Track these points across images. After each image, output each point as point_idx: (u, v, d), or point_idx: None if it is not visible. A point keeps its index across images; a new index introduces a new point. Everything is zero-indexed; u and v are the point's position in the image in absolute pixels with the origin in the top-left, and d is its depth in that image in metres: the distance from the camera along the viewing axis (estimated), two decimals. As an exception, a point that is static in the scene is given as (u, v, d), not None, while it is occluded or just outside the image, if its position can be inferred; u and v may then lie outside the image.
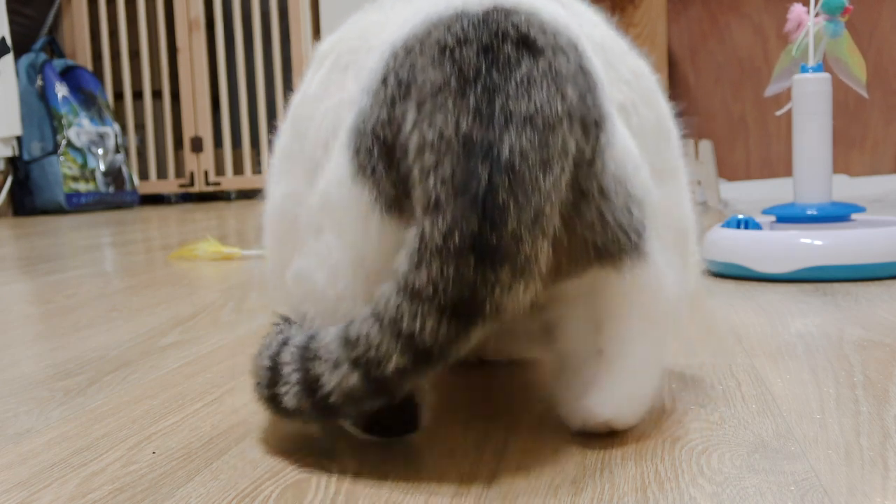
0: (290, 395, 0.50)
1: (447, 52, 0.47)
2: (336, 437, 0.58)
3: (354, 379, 0.47)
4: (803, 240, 1.13)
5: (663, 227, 0.53)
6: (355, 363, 0.47)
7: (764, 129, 3.30)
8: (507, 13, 0.49)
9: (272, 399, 0.52)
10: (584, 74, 0.48)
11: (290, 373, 0.50)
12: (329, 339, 0.49)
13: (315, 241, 0.53)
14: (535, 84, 0.46)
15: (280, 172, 0.57)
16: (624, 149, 0.50)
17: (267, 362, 0.53)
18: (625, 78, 0.54)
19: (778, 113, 1.27)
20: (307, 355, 0.50)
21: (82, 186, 3.85)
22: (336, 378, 0.48)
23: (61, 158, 3.79)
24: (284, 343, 0.52)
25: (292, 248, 0.55)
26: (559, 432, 0.57)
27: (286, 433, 0.59)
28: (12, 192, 3.83)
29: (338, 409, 0.49)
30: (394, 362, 0.46)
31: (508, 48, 0.47)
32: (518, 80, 0.46)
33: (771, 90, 1.27)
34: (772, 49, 3.27)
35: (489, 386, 0.70)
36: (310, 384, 0.49)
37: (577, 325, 0.53)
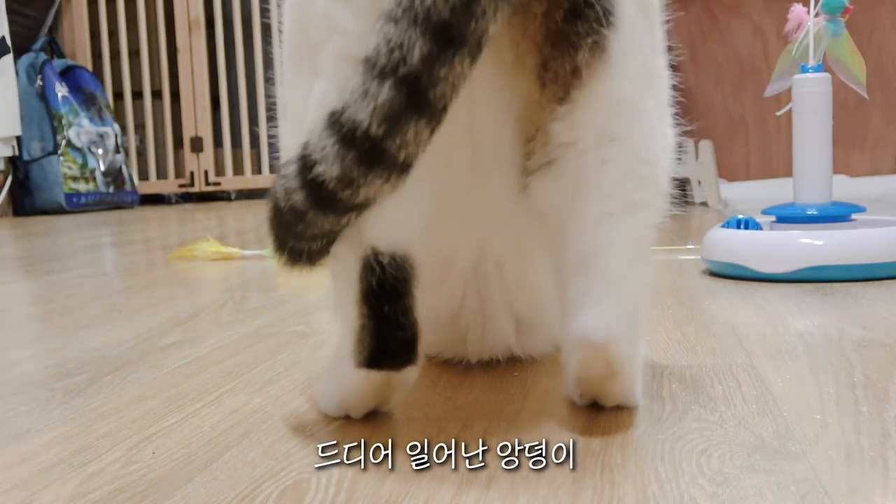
0: (328, 160, 0.49)
1: None
2: (336, 437, 0.58)
3: (386, 89, 0.47)
4: (803, 240, 1.13)
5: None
6: (381, 74, 0.47)
7: (764, 129, 3.30)
8: None
9: (310, 185, 0.50)
10: None
11: (325, 146, 0.50)
12: (352, 84, 0.49)
13: None
14: None
15: None
16: None
17: (294, 163, 0.52)
18: None
19: (778, 113, 1.27)
20: (333, 119, 0.49)
21: (82, 186, 3.85)
22: (370, 103, 0.47)
23: (61, 158, 3.78)
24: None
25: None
26: (559, 432, 0.57)
27: (286, 433, 0.59)
28: (12, 192, 3.83)
29: (381, 139, 0.48)
30: (418, 49, 0.46)
31: None
32: None
33: (771, 90, 1.26)
34: (772, 49, 3.27)
35: (489, 386, 0.70)
36: (347, 133, 0.48)
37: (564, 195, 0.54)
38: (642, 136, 0.56)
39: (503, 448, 0.54)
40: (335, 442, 0.56)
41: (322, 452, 0.54)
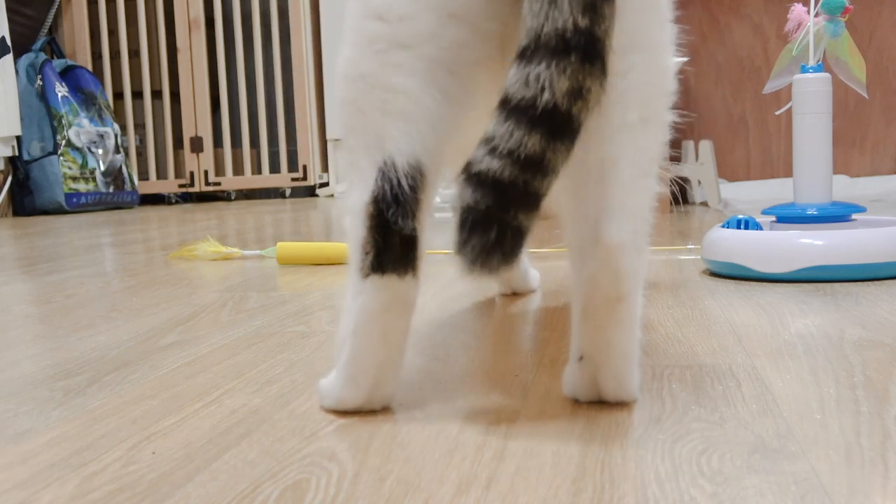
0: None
1: None
2: (336, 437, 0.58)
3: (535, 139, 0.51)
4: (803, 240, 1.13)
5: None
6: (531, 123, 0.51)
7: (764, 129, 3.30)
8: None
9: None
10: None
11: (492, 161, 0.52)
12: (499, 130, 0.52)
13: None
14: None
15: None
16: None
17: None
18: None
19: (778, 112, 1.27)
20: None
21: (82, 186, 3.85)
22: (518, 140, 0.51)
23: (61, 158, 3.79)
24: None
25: None
26: (559, 432, 0.57)
27: (286, 433, 0.59)
28: (12, 192, 3.83)
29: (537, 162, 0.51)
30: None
31: None
32: None
33: (770, 87, 1.27)
34: (772, 49, 3.27)
35: (489, 386, 0.70)
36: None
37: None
38: (660, 47, 0.60)
39: (503, 448, 0.54)
40: (335, 442, 0.56)
41: (322, 453, 0.54)
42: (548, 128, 0.52)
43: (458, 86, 0.59)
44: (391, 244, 0.58)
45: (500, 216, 0.52)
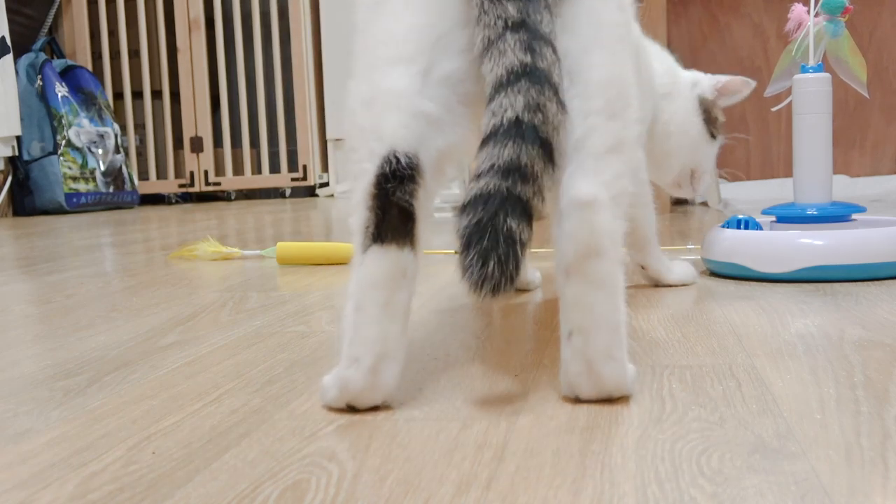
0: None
1: None
2: (336, 436, 0.58)
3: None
4: (803, 240, 1.13)
5: None
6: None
7: (764, 129, 3.30)
8: None
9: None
10: None
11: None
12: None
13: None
14: None
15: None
16: None
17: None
18: None
19: (774, 109, 1.27)
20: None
21: (82, 186, 3.85)
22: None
23: (61, 158, 3.78)
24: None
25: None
26: (559, 432, 0.57)
27: (286, 433, 0.59)
28: (12, 192, 3.83)
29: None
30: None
31: None
32: None
33: (771, 90, 1.26)
34: (772, 49, 3.27)
35: (489, 385, 0.70)
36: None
37: None
38: (616, 50, 0.68)
39: (503, 448, 0.54)
40: (335, 442, 0.56)
41: (322, 453, 0.54)
42: (515, 136, 0.60)
43: (456, 97, 0.65)
44: (390, 215, 0.63)
45: (491, 224, 0.58)
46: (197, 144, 4.34)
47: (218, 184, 4.36)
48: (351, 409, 0.64)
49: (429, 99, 0.64)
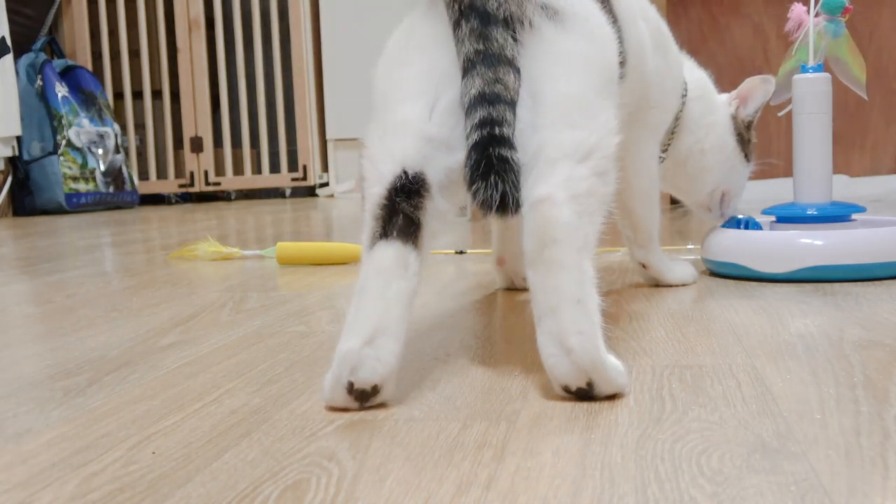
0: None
1: None
2: (337, 436, 0.58)
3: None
4: (803, 240, 1.13)
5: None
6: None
7: (764, 129, 3.30)
8: None
9: None
10: None
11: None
12: None
13: None
14: None
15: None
16: None
17: None
18: None
19: (780, 114, 1.27)
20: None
21: (82, 186, 3.85)
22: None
23: (61, 158, 3.79)
24: None
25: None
26: (559, 432, 0.57)
27: (286, 433, 0.59)
28: (12, 192, 3.83)
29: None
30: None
31: None
32: None
33: (776, 99, 1.26)
34: (772, 49, 3.27)
35: (489, 386, 0.70)
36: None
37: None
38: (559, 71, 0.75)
39: (503, 448, 0.54)
40: (335, 442, 0.56)
41: (322, 453, 0.54)
42: (484, 102, 0.70)
43: (461, 121, 0.72)
44: (396, 219, 0.70)
45: (485, 157, 0.68)
46: (197, 144, 4.34)
47: (218, 184, 4.36)
48: (356, 396, 0.64)
49: (436, 125, 0.72)
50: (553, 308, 0.66)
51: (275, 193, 4.49)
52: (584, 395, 0.65)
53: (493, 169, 0.69)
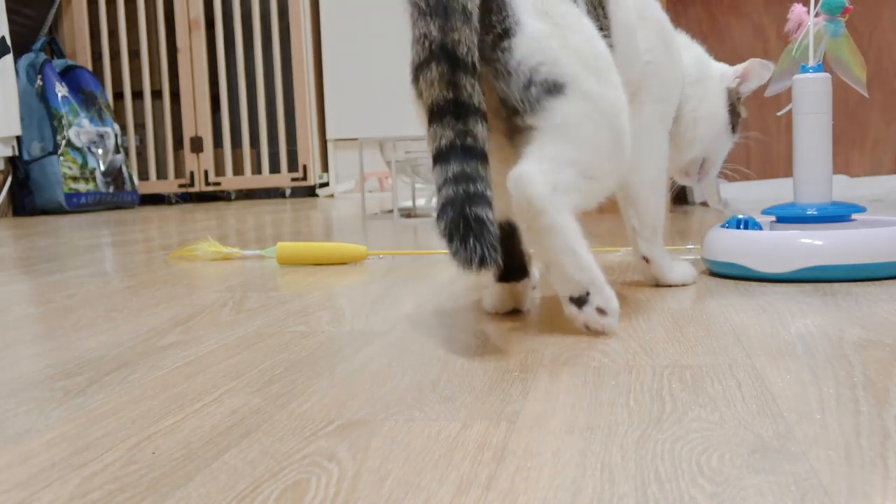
0: None
1: None
2: (337, 436, 0.58)
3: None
4: (803, 240, 1.13)
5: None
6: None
7: (764, 129, 3.30)
8: None
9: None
10: None
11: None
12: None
13: None
14: None
15: None
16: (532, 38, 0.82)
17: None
18: None
19: (779, 113, 1.27)
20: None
21: (82, 186, 3.85)
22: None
23: (61, 158, 3.79)
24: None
25: None
26: (559, 432, 0.57)
27: (286, 433, 0.59)
28: (12, 192, 3.83)
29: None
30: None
31: None
32: None
33: (771, 90, 1.26)
34: (772, 49, 3.27)
35: (489, 386, 0.70)
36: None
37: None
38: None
39: (503, 448, 0.54)
40: (335, 442, 0.56)
41: (322, 453, 0.54)
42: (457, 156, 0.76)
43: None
44: (508, 269, 0.97)
45: (461, 216, 0.74)
46: (197, 144, 4.34)
47: (218, 184, 4.36)
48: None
49: None
50: (552, 261, 0.82)
51: (275, 193, 4.49)
52: (582, 302, 0.83)
53: (471, 232, 0.73)
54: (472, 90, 0.76)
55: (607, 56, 0.89)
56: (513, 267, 0.96)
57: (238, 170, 4.40)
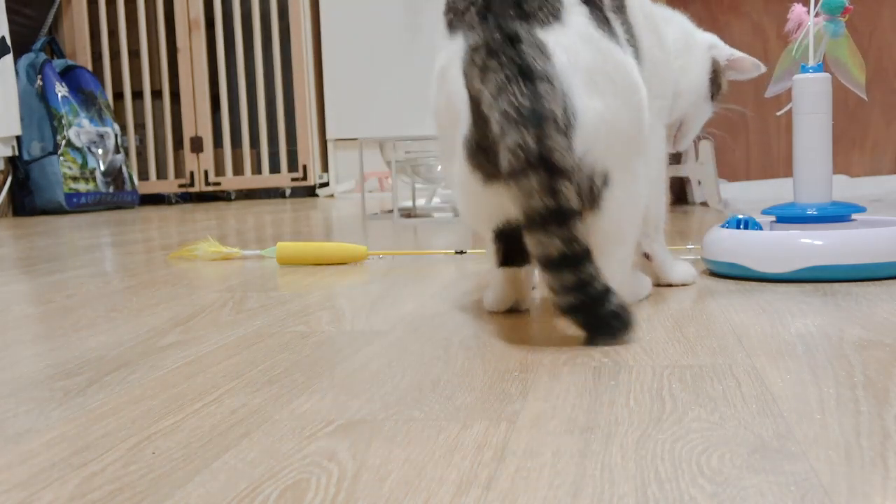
0: None
1: None
2: (337, 436, 0.58)
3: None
4: (803, 240, 1.13)
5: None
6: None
7: (764, 129, 3.30)
8: None
9: None
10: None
11: None
12: None
13: None
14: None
15: None
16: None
17: None
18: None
19: (779, 113, 1.27)
20: None
21: (82, 186, 3.85)
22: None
23: (61, 158, 3.78)
24: None
25: None
26: (559, 432, 0.57)
27: (286, 433, 0.59)
28: (12, 192, 3.83)
29: None
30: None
31: None
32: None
33: (771, 91, 1.26)
34: (772, 49, 3.27)
35: (489, 386, 0.70)
36: None
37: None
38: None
39: (503, 448, 0.54)
40: (335, 442, 0.56)
41: (322, 453, 0.54)
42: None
43: None
44: (508, 253, 0.96)
45: (598, 318, 0.81)
46: (197, 144, 4.34)
47: (218, 184, 4.36)
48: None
49: None
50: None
51: (275, 193, 4.49)
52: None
53: (612, 327, 0.80)
54: (569, 193, 0.77)
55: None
56: (515, 251, 0.94)
57: (238, 170, 4.40)
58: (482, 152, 0.84)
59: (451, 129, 0.88)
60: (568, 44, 0.82)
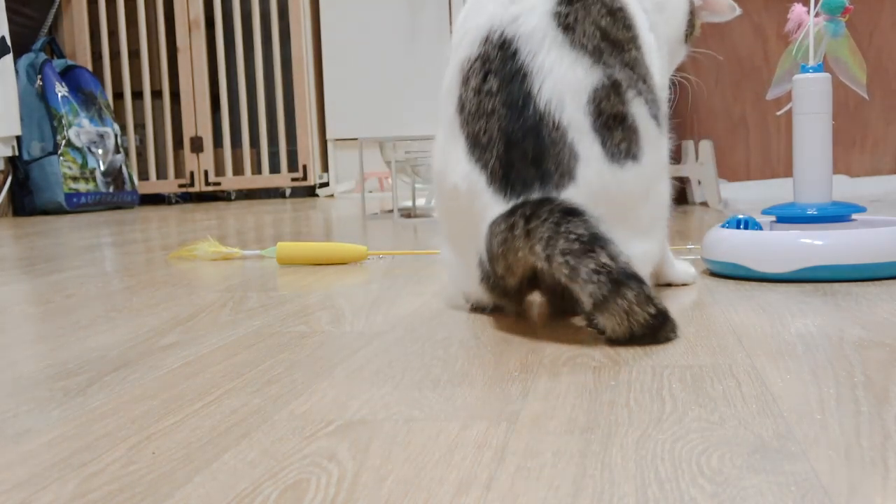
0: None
1: None
2: (337, 436, 0.58)
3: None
4: (803, 240, 1.13)
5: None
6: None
7: (764, 129, 3.30)
8: None
9: None
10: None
11: None
12: None
13: None
14: None
15: None
16: None
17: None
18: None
19: (779, 113, 1.27)
20: None
21: (82, 186, 3.85)
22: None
23: (61, 158, 3.78)
24: None
25: None
26: (559, 432, 0.57)
27: (286, 433, 0.59)
28: (12, 192, 3.83)
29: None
30: None
31: None
32: None
33: (773, 93, 1.26)
34: (772, 49, 3.27)
35: (489, 386, 0.70)
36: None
37: None
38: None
39: (503, 448, 0.54)
40: (335, 441, 0.56)
41: (322, 453, 0.54)
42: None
43: None
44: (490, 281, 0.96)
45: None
46: (197, 144, 4.34)
47: (218, 184, 4.36)
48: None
49: None
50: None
51: (275, 193, 4.49)
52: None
53: (666, 337, 0.83)
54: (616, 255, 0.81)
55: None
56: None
57: (238, 170, 4.40)
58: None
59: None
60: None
